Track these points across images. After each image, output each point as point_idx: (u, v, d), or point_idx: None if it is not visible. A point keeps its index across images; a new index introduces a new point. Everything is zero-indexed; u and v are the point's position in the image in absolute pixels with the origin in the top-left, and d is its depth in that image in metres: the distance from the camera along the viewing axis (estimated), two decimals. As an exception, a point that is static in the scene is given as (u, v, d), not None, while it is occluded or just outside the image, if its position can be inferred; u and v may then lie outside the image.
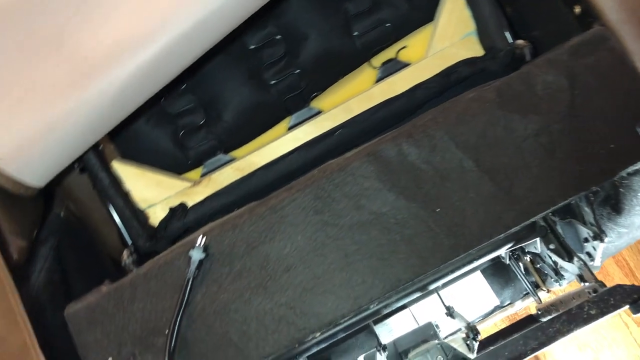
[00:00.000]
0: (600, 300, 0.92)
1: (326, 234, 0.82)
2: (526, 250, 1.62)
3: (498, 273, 1.91)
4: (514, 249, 1.70)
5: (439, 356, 0.96)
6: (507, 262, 1.75)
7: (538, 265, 1.64)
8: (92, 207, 1.06)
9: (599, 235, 1.06)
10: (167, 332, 0.81)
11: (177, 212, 1.03)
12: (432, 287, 1.20)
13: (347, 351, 1.97)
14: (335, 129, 1.03)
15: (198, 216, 1.02)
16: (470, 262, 1.10)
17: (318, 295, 0.81)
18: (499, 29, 1.01)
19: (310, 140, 1.04)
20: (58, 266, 1.01)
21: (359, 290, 0.81)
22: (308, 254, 0.82)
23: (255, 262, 0.83)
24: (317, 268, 0.82)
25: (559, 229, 1.18)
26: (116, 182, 1.00)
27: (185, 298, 0.81)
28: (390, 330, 1.83)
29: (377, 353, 1.29)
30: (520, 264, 1.74)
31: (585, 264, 1.12)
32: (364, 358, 1.79)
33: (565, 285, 1.55)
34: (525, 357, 0.88)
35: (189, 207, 1.04)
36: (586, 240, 1.14)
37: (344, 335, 1.20)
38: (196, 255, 0.82)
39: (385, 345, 1.33)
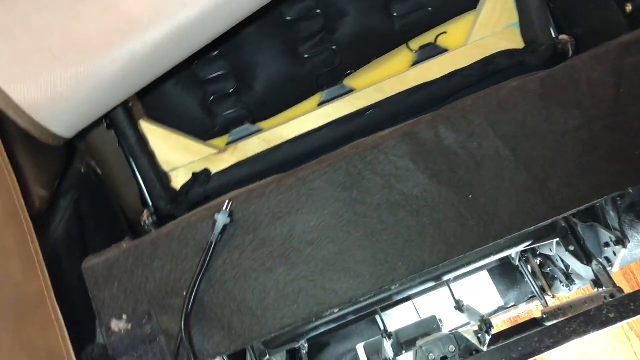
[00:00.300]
0: (620, 305, 0.90)
1: (354, 211, 0.81)
2: (538, 252, 1.61)
3: (505, 274, 1.90)
4: (526, 250, 1.69)
5: (451, 346, 0.95)
6: (517, 263, 1.75)
7: (548, 269, 1.64)
8: (114, 165, 1.05)
9: (621, 241, 1.05)
10: (185, 294, 0.80)
11: (200, 177, 1.02)
12: (447, 277, 1.19)
13: (347, 337, 1.97)
14: (367, 108, 1.02)
15: (221, 184, 1.01)
16: (491, 254, 1.09)
17: (340, 272, 0.80)
18: (544, 22, 0.99)
19: (340, 118, 1.02)
20: (77, 220, 1.00)
21: (382, 270, 0.80)
22: (333, 230, 0.81)
23: (280, 232, 0.82)
24: (342, 244, 0.81)
25: (580, 231, 1.17)
26: (142, 141, 0.99)
27: (207, 261, 0.80)
28: (392, 320, 1.83)
29: (384, 340, 1.28)
30: (529, 267, 1.73)
31: (604, 268, 1.11)
32: (365, 346, 1.78)
33: (575, 290, 1.54)
34: (539, 354, 0.87)
35: (212, 174, 1.02)
36: (607, 244, 1.12)
37: (354, 317, 1.19)
38: (221, 219, 0.81)
39: (390, 333, 1.32)
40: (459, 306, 1.33)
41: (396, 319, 1.86)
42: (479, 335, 1.00)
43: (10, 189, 0.83)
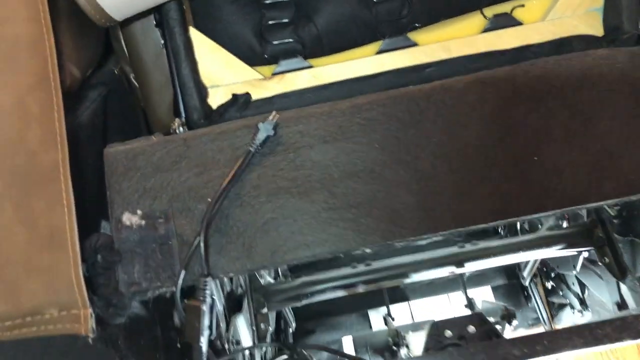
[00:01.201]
0: (662, 318, 0.84)
1: (407, 150, 0.75)
2: (555, 272, 1.55)
3: (509, 294, 1.83)
4: (540, 270, 1.63)
5: (471, 326, 0.88)
6: (526, 283, 1.68)
7: (560, 293, 1.57)
8: (151, 70, 0.99)
9: (663, 260, 0.99)
10: (209, 200, 0.74)
11: (239, 101, 0.95)
12: (468, 266, 1.11)
13: (335, 328, 1.90)
14: (429, 65, 0.96)
15: (260, 112, 0.94)
16: (530, 247, 1.02)
17: (380, 210, 0.74)
18: (632, 10, 0.94)
19: (399, 69, 0.96)
20: (102, 114, 0.94)
21: (426, 217, 0.73)
22: (381, 166, 0.75)
23: (323, 157, 0.76)
24: (387, 183, 0.75)
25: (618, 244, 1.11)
26: (189, 46, 0.93)
27: (241, 170, 0.74)
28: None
29: (388, 318, 1.21)
30: (539, 289, 1.67)
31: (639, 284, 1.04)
32: (354, 337, 1.71)
33: (588, 318, 1.47)
34: (566, 351, 0.81)
35: (252, 99, 0.96)
36: (646, 263, 1.06)
37: (364, 287, 1.11)
38: (265, 129, 0.75)
39: (393, 317, 1.25)
40: (471, 304, 1.26)
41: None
42: (500, 323, 0.93)
43: (46, 52, 0.77)
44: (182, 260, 0.72)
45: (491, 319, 1.04)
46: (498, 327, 0.96)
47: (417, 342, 1.07)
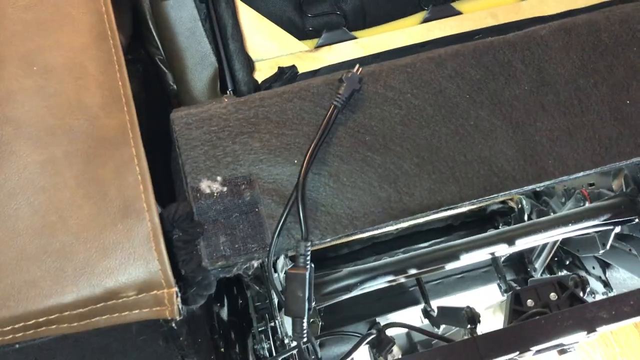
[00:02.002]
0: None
1: (499, 100, 0.72)
2: (570, 259, 1.54)
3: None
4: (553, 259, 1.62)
5: (553, 293, 0.83)
6: (538, 275, 1.66)
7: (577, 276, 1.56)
8: (184, 47, 0.91)
9: None
10: (296, 161, 0.67)
11: (286, 74, 0.89)
12: (518, 243, 1.07)
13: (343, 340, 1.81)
14: (477, 32, 0.94)
15: (308, 85, 0.89)
16: (580, 219, 1.00)
17: (478, 162, 0.70)
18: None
19: (447, 36, 0.93)
20: (144, 91, 0.86)
21: (523, 167, 0.69)
22: (474, 117, 0.71)
23: (410, 111, 0.71)
24: (483, 134, 0.71)
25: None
26: (237, 17, 0.87)
27: (329, 127, 0.68)
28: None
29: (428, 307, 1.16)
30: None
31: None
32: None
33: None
34: (596, 327, 0.78)
35: (299, 72, 0.90)
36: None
37: (414, 274, 1.04)
38: (350, 83, 0.69)
39: (432, 309, 1.20)
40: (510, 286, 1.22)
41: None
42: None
43: (101, 7, 0.69)
44: (274, 227, 0.65)
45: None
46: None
47: (489, 317, 1.03)
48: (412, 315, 1.76)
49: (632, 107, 0.72)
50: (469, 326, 0.90)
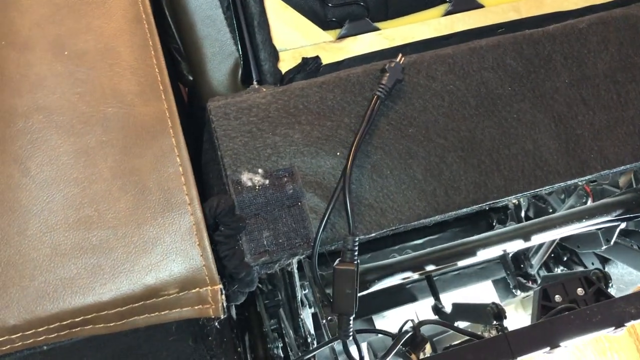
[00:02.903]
0: None
1: (541, 92, 0.71)
2: (567, 255, 1.56)
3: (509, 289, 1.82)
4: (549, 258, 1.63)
5: (579, 289, 0.83)
6: (534, 272, 1.67)
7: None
8: (203, 37, 0.88)
9: None
10: (338, 153, 0.65)
11: (309, 65, 0.87)
12: (535, 237, 1.07)
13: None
14: (500, 25, 0.93)
15: (331, 77, 0.87)
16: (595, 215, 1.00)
17: (522, 155, 0.69)
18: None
19: (470, 30, 0.92)
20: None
21: (567, 161, 0.69)
22: (517, 110, 0.70)
23: (453, 103, 0.69)
24: (526, 126, 0.70)
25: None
26: (263, 5, 0.84)
27: (372, 118, 0.66)
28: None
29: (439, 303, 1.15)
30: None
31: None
32: (370, 342, 1.63)
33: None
34: (625, 322, 0.78)
35: (323, 64, 0.88)
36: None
37: (432, 269, 1.03)
38: (394, 72, 0.67)
39: (443, 305, 1.19)
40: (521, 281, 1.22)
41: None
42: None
43: (134, -11, 0.65)
44: (317, 221, 0.62)
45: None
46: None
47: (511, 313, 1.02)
48: (410, 313, 1.76)
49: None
50: (495, 322, 0.89)
